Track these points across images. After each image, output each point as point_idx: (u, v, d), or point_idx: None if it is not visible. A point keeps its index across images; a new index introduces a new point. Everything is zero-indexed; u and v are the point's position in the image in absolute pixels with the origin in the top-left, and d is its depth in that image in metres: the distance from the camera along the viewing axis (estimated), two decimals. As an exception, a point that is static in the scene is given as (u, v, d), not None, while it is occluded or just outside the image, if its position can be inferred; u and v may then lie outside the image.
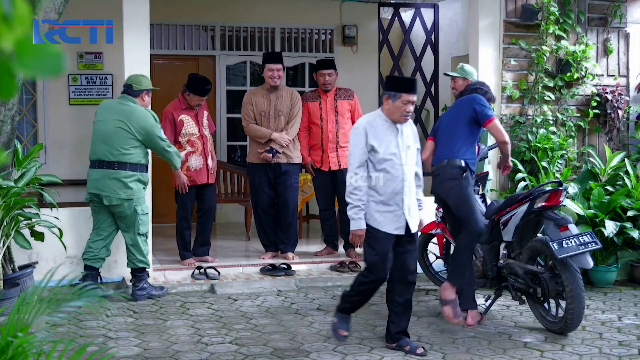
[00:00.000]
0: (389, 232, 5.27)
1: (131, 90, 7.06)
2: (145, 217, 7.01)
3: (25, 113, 9.79)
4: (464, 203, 5.86)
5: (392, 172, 5.26)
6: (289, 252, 8.23)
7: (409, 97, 5.31)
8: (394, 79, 6.02)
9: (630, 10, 8.92)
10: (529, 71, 8.53)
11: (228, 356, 5.28)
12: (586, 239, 5.66)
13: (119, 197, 6.86)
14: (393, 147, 5.30)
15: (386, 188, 5.27)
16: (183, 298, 7.03)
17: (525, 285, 5.95)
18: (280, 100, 8.10)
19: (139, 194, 6.95)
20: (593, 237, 5.69)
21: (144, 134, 6.91)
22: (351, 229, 5.33)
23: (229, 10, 10.90)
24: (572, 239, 5.65)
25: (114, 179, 6.87)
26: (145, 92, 7.12)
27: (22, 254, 6.92)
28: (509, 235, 6.07)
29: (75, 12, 7.75)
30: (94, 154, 6.98)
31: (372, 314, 6.48)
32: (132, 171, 6.90)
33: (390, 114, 5.38)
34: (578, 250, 5.61)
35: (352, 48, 11.35)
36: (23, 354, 3.19)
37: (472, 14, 8.65)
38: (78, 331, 5.85)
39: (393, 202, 5.27)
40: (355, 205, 5.27)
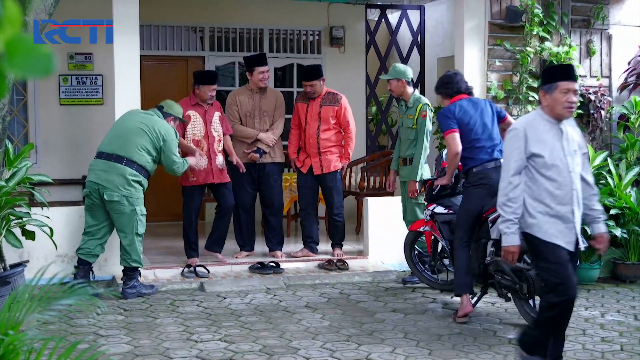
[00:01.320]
0: (562, 245, 4.72)
1: (161, 110, 7.33)
2: (143, 218, 7.10)
3: (16, 113, 9.83)
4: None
5: (558, 181, 4.68)
6: (277, 250, 8.31)
7: (568, 85, 4.66)
8: (547, 70, 5.29)
9: (613, 12, 9.05)
10: (513, 72, 8.64)
11: (217, 353, 5.32)
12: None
13: (120, 194, 6.96)
14: (558, 150, 4.70)
15: (554, 198, 4.70)
16: (173, 296, 7.09)
17: (512, 282, 5.97)
18: (265, 100, 8.15)
19: (138, 195, 7.05)
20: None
21: (162, 142, 7.09)
22: (503, 245, 4.86)
23: (217, 11, 10.96)
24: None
25: (119, 174, 6.97)
26: (172, 118, 7.35)
27: (13, 253, 6.94)
28: (496, 234, 6.03)
29: (65, 13, 7.79)
30: (106, 146, 7.10)
31: (360, 311, 6.56)
32: (137, 171, 7.02)
33: (551, 109, 4.72)
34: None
35: (340, 49, 11.43)
36: (14, 351, 3.19)
37: (458, 15, 8.75)
38: (69, 329, 5.89)
39: (561, 214, 4.69)
40: (507, 219, 4.75)
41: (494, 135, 6.37)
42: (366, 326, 6.06)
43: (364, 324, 6.12)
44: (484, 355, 5.33)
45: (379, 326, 6.07)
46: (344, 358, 5.23)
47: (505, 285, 6.08)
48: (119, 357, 5.23)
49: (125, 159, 7.00)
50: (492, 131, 6.37)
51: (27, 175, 6.70)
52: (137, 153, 7.01)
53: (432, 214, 6.91)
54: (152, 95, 9.67)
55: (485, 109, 6.45)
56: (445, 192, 6.90)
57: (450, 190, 6.88)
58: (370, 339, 5.71)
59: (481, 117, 6.37)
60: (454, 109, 6.36)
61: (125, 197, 6.97)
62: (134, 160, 7.01)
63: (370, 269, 8.04)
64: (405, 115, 7.63)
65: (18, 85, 9.70)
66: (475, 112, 6.38)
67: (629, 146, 8.40)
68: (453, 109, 6.36)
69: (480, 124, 6.34)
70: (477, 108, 6.41)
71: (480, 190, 6.23)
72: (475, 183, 6.28)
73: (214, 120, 7.91)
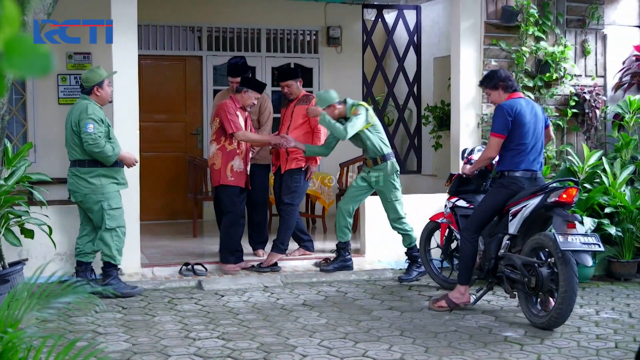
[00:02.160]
0: None
1: (84, 89, 7.11)
2: (114, 212, 6.98)
3: (15, 112, 9.86)
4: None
5: None
6: (259, 249, 8.35)
7: None
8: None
9: (608, 12, 9.10)
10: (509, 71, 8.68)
11: (215, 351, 5.35)
12: (591, 240, 5.79)
13: (82, 193, 6.96)
14: None
15: None
16: (171, 294, 7.12)
17: (521, 276, 6.03)
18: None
19: (104, 189, 6.94)
20: (598, 240, 5.83)
21: (79, 122, 6.91)
22: None
23: (215, 11, 11.00)
24: (577, 236, 5.76)
25: (75, 176, 6.99)
26: (96, 87, 7.03)
27: (12, 251, 6.97)
28: (515, 228, 6.20)
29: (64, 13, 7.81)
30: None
31: (356, 309, 6.60)
32: (91, 167, 6.94)
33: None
34: (581, 247, 5.72)
35: (337, 49, 11.48)
36: (13, 349, 3.21)
37: (454, 15, 8.79)
38: (67, 327, 5.92)
39: None
40: None
41: (539, 147, 6.33)
42: (363, 324, 6.09)
43: (360, 322, 6.16)
44: (480, 353, 5.36)
45: (376, 324, 6.11)
46: (341, 356, 5.26)
47: (513, 279, 6.14)
48: (118, 354, 5.25)
49: (76, 162, 7.00)
50: (539, 142, 6.32)
51: (26, 174, 6.74)
52: (80, 152, 6.95)
53: (453, 207, 7.01)
54: (150, 94, 9.73)
55: (538, 114, 6.37)
56: (470, 187, 7.02)
57: (475, 187, 6.99)
58: (366, 336, 5.74)
59: (535, 123, 6.29)
60: (515, 107, 6.22)
61: (87, 194, 6.95)
62: (82, 159, 6.96)
63: (367, 267, 8.09)
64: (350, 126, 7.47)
65: (17, 85, 9.73)
66: (531, 115, 6.27)
67: (624, 145, 8.45)
68: (515, 107, 6.22)
69: (532, 130, 6.26)
70: (532, 111, 6.31)
71: (507, 192, 6.28)
72: (505, 184, 6.31)
73: (250, 125, 7.95)
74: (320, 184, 9.95)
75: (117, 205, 7.04)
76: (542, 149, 6.37)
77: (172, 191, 10.87)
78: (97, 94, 7.04)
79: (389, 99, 11.01)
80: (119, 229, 7.05)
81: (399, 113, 10.98)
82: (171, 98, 10.97)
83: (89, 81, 7.04)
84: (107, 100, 7.14)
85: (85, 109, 6.91)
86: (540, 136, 6.34)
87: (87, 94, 7.05)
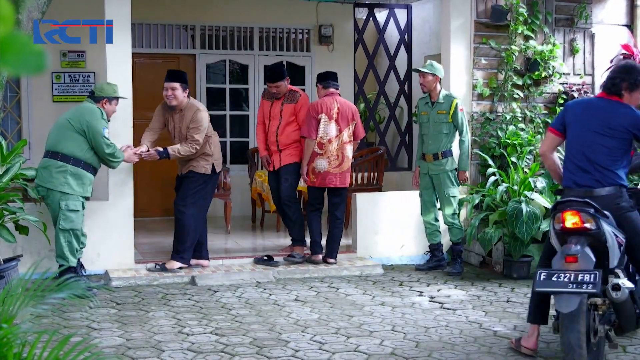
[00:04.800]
0: None
1: (93, 96, 7.18)
2: (71, 214, 6.86)
3: (10, 110, 9.90)
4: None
5: None
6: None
7: None
8: None
9: (596, 12, 9.19)
10: (498, 70, 8.77)
11: (208, 346, 5.41)
12: (587, 278, 4.58)
13: (44, 187, 6.88)
14: None
15: None
16: (164, 290, 7.18)
17: None
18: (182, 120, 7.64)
19: (65, 188, 6.85)
20: (595, 280, 4.54)
21: (85, 127, 6.91)
22: None
23: (208, 10, 11.05)
24: (571, 274, 4.62)
25: (43, 167, 6.93)
26: (105, 100, 7.11)
27: (6, 248, 7.03)
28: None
29: (58, 13, 7.86)
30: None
31: (348, 304, 6.67)
32: (62, 161, 6.88)
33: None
34: (564, 289, 4.58)
35: (329, 47, 11.55)
36: (8, 344, 3.22)
37: (444, 14, 8.86)
38: (62, 322, 5.97)
39: None
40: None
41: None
42: (355, 319, 6.16)
43: (352, 317, 6.22)
44: (470, 348, 5.43)
45: (367, 319, 6.17)
46: (333, 350, 5.32)
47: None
48: (112, 349, 5.30)
49: (51, 152, 6.92)
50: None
51: (21, 171, 6.79)
52: (57, 143, 6.91)
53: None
54: (143, 92, 9.77)
55: None
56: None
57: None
58: (358, 331, 5.80)
59: None
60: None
61: (49, 190, 6.86)
62: (57, 151, 6.89)
63: (359, 263, 8.16)
64: (434, 111, 7.89)
65: (11, 83, 9.77)
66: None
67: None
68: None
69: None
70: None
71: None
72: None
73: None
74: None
75: (76, 207, 6.90)
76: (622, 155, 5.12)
77: (166, 188, 10.90)
78: (104, 106, 7.11)
79: (380, 96, 11.09)
80: (73, 231, 6.90)
81: (390, 111, 11.06)
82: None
83: (102, 91, 7.14)
84: (109, 117, 7.17)
85: (99, 113, 6.97)
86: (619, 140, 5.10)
87: (95, 101, 7.10)
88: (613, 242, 4.79)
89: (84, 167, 6.94)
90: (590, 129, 5.01)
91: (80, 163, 6.92)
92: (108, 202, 7.67)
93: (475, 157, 8.65)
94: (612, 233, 4.79)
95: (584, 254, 4.70)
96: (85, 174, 6.95)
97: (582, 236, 4.75)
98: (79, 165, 6.91)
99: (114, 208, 7.67)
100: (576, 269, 4.62)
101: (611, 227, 4.81)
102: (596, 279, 4.54)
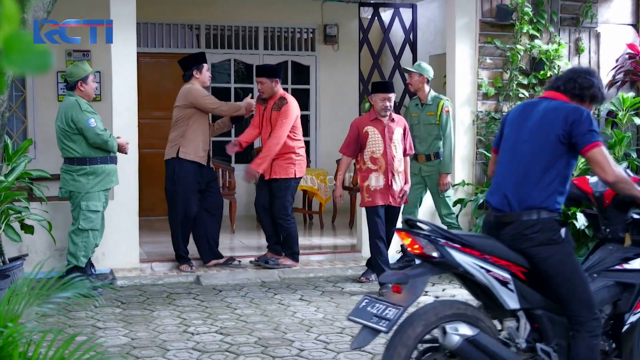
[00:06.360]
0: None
1: (68, 84, 7.13)
2: (91, 214, 6.95)
3: (15, 109, 9.93)
4: (575, 279, 3.92)
5: None
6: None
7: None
8: None
9: (601, 11, 9.18)
10: (503, 69, 8.76)
11: (213, 345, 5.41)
12: (386, 313, 3.64)
13: (67, 189, 7.02)
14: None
15: None
16: (169, 289, 7.19)
17: None
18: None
19: (86, 188, 6.94)
20: (395, 316, 3.59)
21: (73, 125, 6.92)
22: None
23: (213, 9, 11.07)
24: (380, 305, 3.69)
25: (65, 172, 7.05)
26: (80, 82, 7.03)
27: (12, 247, 7.03)
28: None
29: (63, 12, 7.88)
30: None
31: (353, 303, 6.64)
32: (79, 165, 6.96)
33: None
34: (367, 322, 3.66)
35: (333, 47, 11.55)
36: (13, 343, 3.22)
37: (449, 14, 8.86)
38: (67, 321, 5.98)
39: None
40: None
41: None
42: (359, 318, 6.16)
43: (356, 316, 6.23)
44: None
45: (371, 318, 6.18)
46: (338, 350, 5.31)
47: None
48: (117, 349, 5.30)
49: (66, 159, 7.06)
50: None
51: (26, 171, 6.80)
52: (66, 150, 7.00)
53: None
54: (148, 91, 9.79)
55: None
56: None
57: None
58: (362, 330, 5.81)
59: None
60: None
61: (72, 192, 6.99)
62: (71, 157, 7.00)
63: (363, 263, 8.16)
64: (423, 112, 7.86)
65: (17, 82, 9.79)
66: None
67: (617, 142, 8.53)
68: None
69: None
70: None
71: None
72: None
73: (395, 138, 7.19)
74: (317, 180, 10.02)
75: (96, 208, 7.00)
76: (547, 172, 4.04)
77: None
78: (81, 89, 7.04)
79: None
80: (91, 232, 6.99)
81: (395, 110, 11.04)
82: (169, 95, 10.97)
83: (72, 76, 7.05)
84: (91, 96, 7.13)
85: (78, 106, 6.92)
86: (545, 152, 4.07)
87: (71, 89, 7.07)
88: (485, 277, 3.81)
89: (102, 161, 7.01)
90: (518, 137, 4.03)
91: (97, 160, 6.99)
92: (113, 201, 7.68)
93: (480, 157, 8.65)
94: (478, 266, 3.81)
95: (415, 285, 3.76)
96: (105, 167, 7.03)
97: (429, 263, 3.84)
98: (97, 163, 6.98)
99: (119, 207, 7.68)
100: (397, 301, 3.68)
101: (474, 259, 3.82)
102: (396, 317, 3.59)
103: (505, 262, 3.87)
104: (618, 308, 4.19)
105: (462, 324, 3.73)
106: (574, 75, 4.04)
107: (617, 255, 4.25)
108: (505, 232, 3.94)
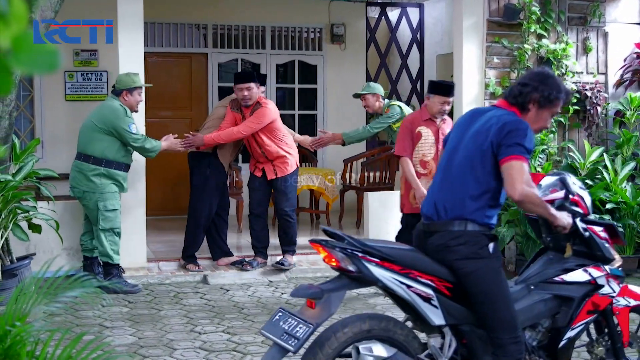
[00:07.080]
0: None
1: (115, 90, 7.22)
2: (110, 214, 7.01)
3: (23, 109, 9.95)
4: (497, 298, 3.77)
5: None
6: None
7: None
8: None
9: (609, 10, 9.15)
10: (511, 69, 8.74)
11: (220, 345, 5.43)
12: (297, 331, 3.57)
13: (81, 189, 7.01)
14: None
15: None
16: (176, 288, 7.21)
17: None
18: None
19: (102, 189, 6.97)
20: (304, 335, 3.54)
21: (110, 127, 6.98)
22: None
23: (220, 9, 11.08)
24: (292, 320, 3.64)
25: (77, 171, 7.04)
26: (126, 92, 7.11)
27: (20, 246, 7.05)
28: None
29: (70, 11, 7.90)
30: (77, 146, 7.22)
31: (360, 303, 6.66)
32: (95, 164, 6.97)
33: None
34: (274, 336, 3.61)
35: (340, 46, 11.55)
36: (21, 342, 3.23)
37: (456, 13, 8.85)
38: (74, 321, 6.01)
39: None
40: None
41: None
42: (365, 318, 6.16)
43: (363, 316, 6.23)
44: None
45: (378, 318, 6.17)
46: (344, 348, 5.34)
47: None
48: (124, 348, 5.32)
49: (83, 155, 7.03)
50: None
51: (34, 170, 6.84)
52: (87, 146, 7.00)
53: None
54: (156, 91, 9.80)
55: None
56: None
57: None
58: (369, 330, 5.81)
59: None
60: None
61: (85, 192, 6.99)
62: (88, 154, 6.99)
63: (370, 263, 8.15)
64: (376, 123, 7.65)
65: (24, 82, 9.82)
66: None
67: (625, 142, 8.51)
68: None
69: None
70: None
71: None
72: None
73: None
74: (324, 179, 10.02)
75: (114, 207, 7.05)
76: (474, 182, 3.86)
77: (178, 186, 10.95)
78: (126, 98, 7.13)
79: (392, 95, 11.09)
80: (113, 230, 7.06)
81: (402, 110, 11.05)
82: (177, 95, 11.06)
83: (121, 83, 7.15)
84: (133, 109, 7.18)
85: (122, 111, 7.01)
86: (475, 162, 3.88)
87: (116, 95, 7.16)
88: (407, 293, 3.69)
89: (117, 167, 7.05)
90: (456, 145, 3.89)
91: (113, 164, 7.03)
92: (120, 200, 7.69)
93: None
94: (398, 281, 3.68)
95: (330, 301, 3.64)
96: (118, 173, 7.06)
97: (346, 277, 3.72)
98: (112, 167, 7.03)
99: (126, 207, 7.69)
100: (309, 317, 3.59)
101: (394, 274, 3.69)
102: (305, 335, 3.52)
103: (428, 277, 3.72)
104: (556, 322, 4.02)
105: (377, 343, 3.60)
106: (516, 83, 3.91)
107: (557, 266, 4.09)
108: (431, 241, 3.81)
